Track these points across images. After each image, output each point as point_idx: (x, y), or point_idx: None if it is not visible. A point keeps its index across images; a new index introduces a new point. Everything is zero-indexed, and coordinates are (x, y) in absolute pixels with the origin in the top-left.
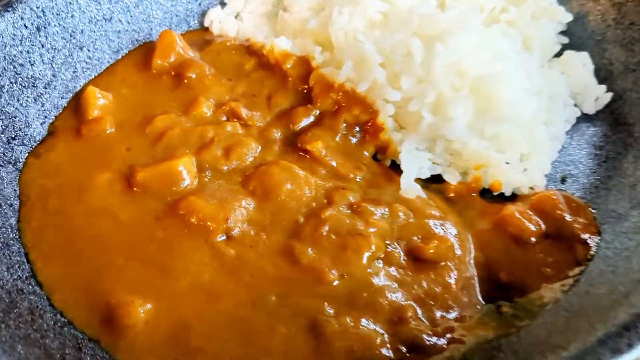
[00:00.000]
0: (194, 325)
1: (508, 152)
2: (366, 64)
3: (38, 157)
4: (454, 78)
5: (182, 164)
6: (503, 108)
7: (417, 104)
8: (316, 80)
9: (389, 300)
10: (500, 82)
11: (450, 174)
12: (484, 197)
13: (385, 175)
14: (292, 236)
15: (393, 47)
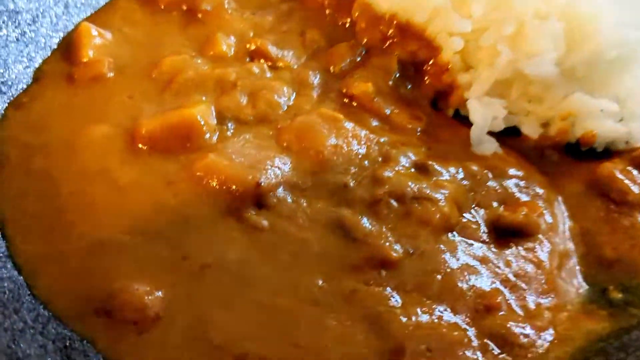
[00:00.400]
0: (219, 319)
1: (603, 98)
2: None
3: (19, 108)
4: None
5: (198, 113)
6: (599, 41)
7: (491, 36)
8: (360, 11)
9: (470, 284)
10: (597, 7)
11: (529, 126)
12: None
13: (450, 127)
14: (341, 203)
15: None
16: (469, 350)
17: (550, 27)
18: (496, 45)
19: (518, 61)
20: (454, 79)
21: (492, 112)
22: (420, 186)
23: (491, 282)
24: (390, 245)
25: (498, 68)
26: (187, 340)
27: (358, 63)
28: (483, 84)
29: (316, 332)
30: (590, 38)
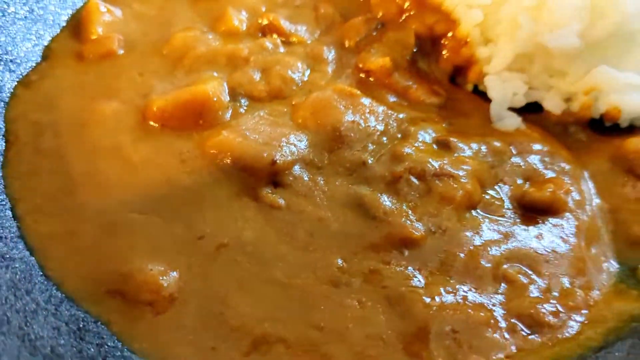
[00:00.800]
0: (235, 300)
1: (628, 71)
2: None
3: (29, 86)
4: None
5: (210, 89)
6: (624, 12)
7: (512, 7)
8: None
9: (495, 262)
10: None
11: (552, 101)
12: (594, 129)
13: (470, 102)
14: (359, 181)
15: None
16: (497, 332)
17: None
18: (517, 17)
19: (540, 34)
20: (473, 53)
21: (512, 88)
22: (441, 163)
23: (517, 261)
24: (412, 224)
25: (519, 41)
26: (204, 322)
27: (374, 37)
28: (503, 59)
29: (336, 313)
30: (614, 9)
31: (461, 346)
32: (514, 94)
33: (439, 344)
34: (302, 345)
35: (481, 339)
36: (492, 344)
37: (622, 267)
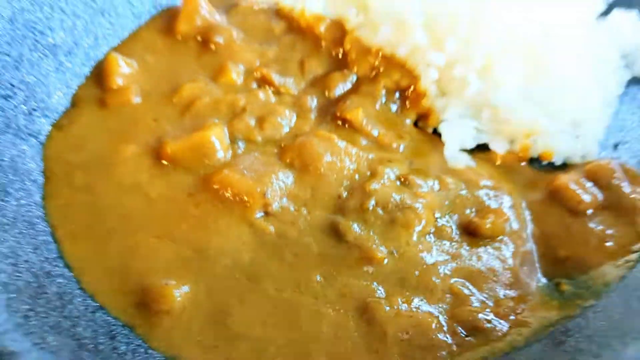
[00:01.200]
0: (234, 309)
1: (559, 119)
2: (405, 27)
3: (61, 129)
4: (502, 40)
5: (213, 134)
6: (554, 73)
7: (462, 68)
8: (352, 44)
9: (443, 278)
10: (550, 45)
11: (498, 143)
12: (533, 167)
13: (430, 143)
14: (335, 211)
15: (436, 8)
16: (441, 334)
17: (513, 60)
18: (467, 77)
19: (486, 91)
20: (431, 104)
21: (463, 133)
22: (402, 197)
23: (461, 277)
24: (377, 247)
25: (468, 96)
26: (209, 326)
27: (350, 89)
28: (455, 109)
29: (315, 320)
30: (545, 70)
31: (412, 345)
32: (464, 137)
33: (395, 343)
34: (288, 345)
35: (428, 339)
36: (437, 343)
37: (548, 282)
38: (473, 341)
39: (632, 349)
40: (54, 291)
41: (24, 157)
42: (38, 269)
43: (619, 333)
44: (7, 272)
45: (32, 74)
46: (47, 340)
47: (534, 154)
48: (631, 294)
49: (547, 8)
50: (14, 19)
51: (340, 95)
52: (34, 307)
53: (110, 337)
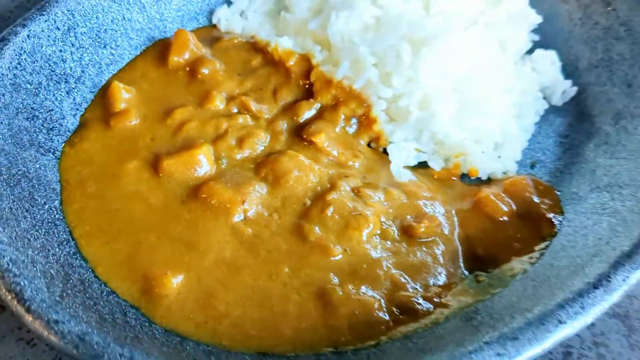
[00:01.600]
0: (219, 293)
1: (484, 142)
2: (361, 64)
3: (73, 146)
4: (438, 78)
5: (202, 152)
6: (480, 104)
7: (406, 100)
8: (317, 77)
9: (385, 270)
10: (478, 81)
11: (435, 161)
12: (463, 181)
13: (381, 160)
14: (301, 217)
15: (385, 50)
16: (381, 312)
17: (446, 95)
18: (409, 107)
19: (424, 118)
20: (381, 129)
21: (407, 152)
22: (355, 205)
23: (399, 269)
24: (334, 245)
25: (410, 122)
26: (199, 307)
27: (315, 115)
28: (401, 134)
29: (283, 302)
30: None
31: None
32: (407, 157)
33: (345, 319)
34: (261, 321)
35: (371, 317)
36: (377, 320)
37: (469, 274)
38: (406, 318)
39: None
40: (77, 278)
41: (45, 170)
42: (63, 261)
43: (511, 311)
44: (42, 262)
45: (49, 99)
46: (79, 314)
47: (464, 170)
48: (529, 283)
49: (480, 48)
50: (34, 52)
51: (307, 120)
52: (64, 290)
53: (123, 314)
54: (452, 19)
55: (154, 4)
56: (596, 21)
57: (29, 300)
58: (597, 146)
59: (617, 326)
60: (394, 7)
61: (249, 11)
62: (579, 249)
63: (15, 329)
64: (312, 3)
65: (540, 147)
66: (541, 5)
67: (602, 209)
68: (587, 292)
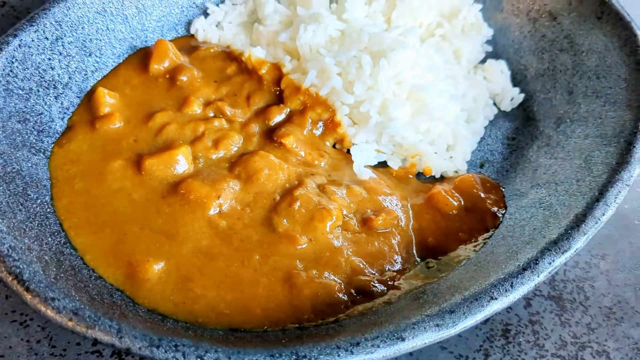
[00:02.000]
0: (196, 278)
1: (437, 144)
2: (326, 73)
3: (61, 146)
4: (395, 87)
5: (180, 153)
6: (433, 111)
7: (366, 106)
8: (286, 85)
9: (346, 257)
10: (431, 90)
11: (393, 161)
12: (418, 179)
13: (344, 160)
14: (271, 210)
15: (348, 61)
16: (341, 294)
17: (402, 101)
18: (369, 112)
19: (383, 122)
20: (345, 131)
21: (368, 153)
22: (320, 200)
23: (358, 257)
24: (300, 236)
25: (371, 126)
26: (178, 289)
27: (285, 119)
28: (362, 136)
29: (253, 285)
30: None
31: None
32: (368, 157)
33: (309, 300)
34: (234, 302)
35: (332, 298)
36: (337, 301)
37: (421, 261)
38: (362, 299)
39: (454, 299)
40: (68, 264)
41: (36, 168)
42: (55, 249)
43: (452, 291)
44: (37, 249)
45: (39, 103)
46: (72, 294)
47: (419, 169)
48: (471, 267)
49: (435, 58)
50: (24, 60)
51: (277, 124)
52: (58, 273)
53: (110, 296)
54: (410, 32)
55: (135, 16)
56: (543, 34)
57: (28, 281)
58: (540, 148)
59: (551, 307)
60: (357, 21)
61: (224, 22)
62: (516, 238)
63: (9, 312)
64: (283, 16)
65: (490, 149)
66: (494, 19)
67: (540, 203)
68: (516, 273)
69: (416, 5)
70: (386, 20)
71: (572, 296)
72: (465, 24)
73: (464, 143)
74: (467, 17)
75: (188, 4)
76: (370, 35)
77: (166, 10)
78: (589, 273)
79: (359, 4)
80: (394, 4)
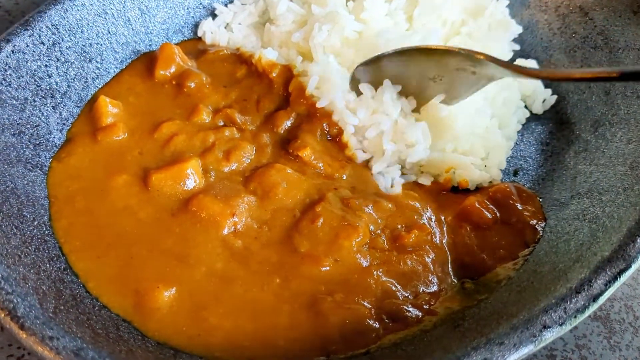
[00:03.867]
0: (211, 306)
1: (471, 155)
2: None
3: (60, 161)
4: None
5: (190, 166)
6: (457, 129)
7: (373, 131)
8: (294, 87)
9: (375, 279)
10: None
11: (423, 179)
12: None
13: (369, 169)
14: (291, 228)
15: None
16: (371, 320)
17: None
18: (382, 142)
19: (401, 151)
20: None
21: (392, 175)
22: (345, 215)
23: (389, 278)
24: (324, 257)
25: (387, 154)
26: (192, 319)
27: (293, 124)
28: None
29: (274, 312)
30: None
31: (349, 329)
32: (393, 179)
33: (336, 328)
34: (253, 333)
35: (362, 325)
36: (368, 328)
37: (457, 281)
38: (395, 326)
39: (501, 327)
40: (69, 294)
41: (33, 186)
42: (54, 277)
43: (497, 317)
44: (33, 279)
45: (35, 114)
46: (73, 330)
47: (454, 183)
48: (513, 289)
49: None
50: (19, 67)
51: (287, 129)
52: (57, 305)
53: (116, 329)
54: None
55: (138, 18)
56: (574, 30)
57: (23, 317)
58: (577, 153)
59: (598, 328)
60: (376, 22)
61: (234, 24)
62: (561, 254)
63: (5, 346)
64: (297, 16)
65: (523, 155)
66: (521, 15)
67: (583, 215)
68: (569, 297)
69: (440, 2)
70: (407, 19)
71: (620, 316)
72: (491, 21)
73: (499, 151)
74: (494, 14)
75: (195, 4)
76: (388, 41)
77: (171, 11)
78: (637, 290)
79: (378, 2)
80: (417, 1)
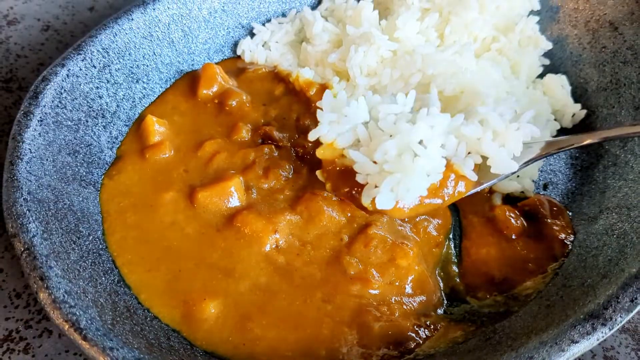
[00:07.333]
0: (255, 317)
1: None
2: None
3: (111, 178)
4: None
5: (233, 184)
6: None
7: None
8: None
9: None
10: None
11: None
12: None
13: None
14: (340, 249)
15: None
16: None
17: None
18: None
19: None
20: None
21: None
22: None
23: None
24: (374, 279)
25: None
26: (237, 330)
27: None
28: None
29: (317, 324)
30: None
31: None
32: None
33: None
34: (295, 343)
35: (403, 336)
36: (408, 338)
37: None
38: (431, 336)
39: (531, 341)
40: (123, 305)
41: (87, 202)
42: (109, 289)
43: (527, 331)
44: (92, 292)
45: (88, 134)
46: (130, 340)
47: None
48: (543, 303)
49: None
50: (73, 90)
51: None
52: (114, 317)
53: (167, 338)
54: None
55: (182, 39)
56: (604, 45)
57: (85, 329)
58: (606, 168)
59: (626, 340)
60: (409, 40)
61: (271, 42)
62: (590, 269)
63: (62, 352)
64: (332, 35)
65: (552, 169)
66: (551, 30)
67: (612, 230)
68: (597, 312)
69: (470, 19)
70: (439, 36)
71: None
72: (522, 38)
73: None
74: (524, 30)
75: (234, 24)
76: (424, 56)
77: (212, 32)
78: None
79: (410, 21)
80: (448, 19)
